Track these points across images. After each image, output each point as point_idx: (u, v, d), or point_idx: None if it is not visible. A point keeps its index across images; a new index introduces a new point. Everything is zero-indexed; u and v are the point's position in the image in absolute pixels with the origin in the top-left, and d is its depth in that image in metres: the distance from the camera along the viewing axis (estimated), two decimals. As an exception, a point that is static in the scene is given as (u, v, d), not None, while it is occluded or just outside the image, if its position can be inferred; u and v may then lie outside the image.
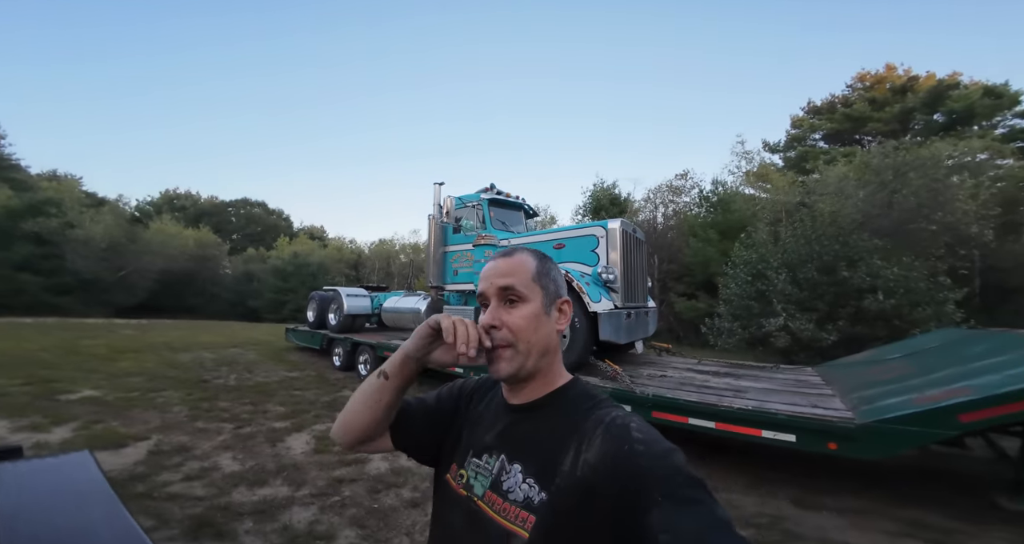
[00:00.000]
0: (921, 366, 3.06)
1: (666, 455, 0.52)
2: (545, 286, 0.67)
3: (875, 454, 2.32)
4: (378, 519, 2.49)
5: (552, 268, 0.70)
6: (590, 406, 0.62)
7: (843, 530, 2.45)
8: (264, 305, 24.04)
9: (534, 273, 0.66)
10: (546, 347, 0.65)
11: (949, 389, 2.33)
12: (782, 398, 3.08)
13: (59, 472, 1.46)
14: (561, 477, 0.56)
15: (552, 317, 0.67)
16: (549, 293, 0.67)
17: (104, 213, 21.87)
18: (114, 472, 2.95)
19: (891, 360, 3.64)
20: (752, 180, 17.42)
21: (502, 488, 0.61)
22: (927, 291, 6.82)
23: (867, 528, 2.47)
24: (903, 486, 3.00)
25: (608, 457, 0.53)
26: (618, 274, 4.45)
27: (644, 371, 4.32)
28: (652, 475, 0.50)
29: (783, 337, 7.21)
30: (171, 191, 35.35)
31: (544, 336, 0.65)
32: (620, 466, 0.52)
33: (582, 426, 0.59)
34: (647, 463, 0.51)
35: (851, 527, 2.48)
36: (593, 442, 0.56)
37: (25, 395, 4.80)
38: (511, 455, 0.63)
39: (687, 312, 13.24)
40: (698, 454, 3.55)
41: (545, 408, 0.65)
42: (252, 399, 5.07)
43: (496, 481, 0.62)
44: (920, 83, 17.66)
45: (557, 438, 0.60)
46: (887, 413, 2.33)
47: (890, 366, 3.43)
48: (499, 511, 0.59)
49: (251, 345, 9.90)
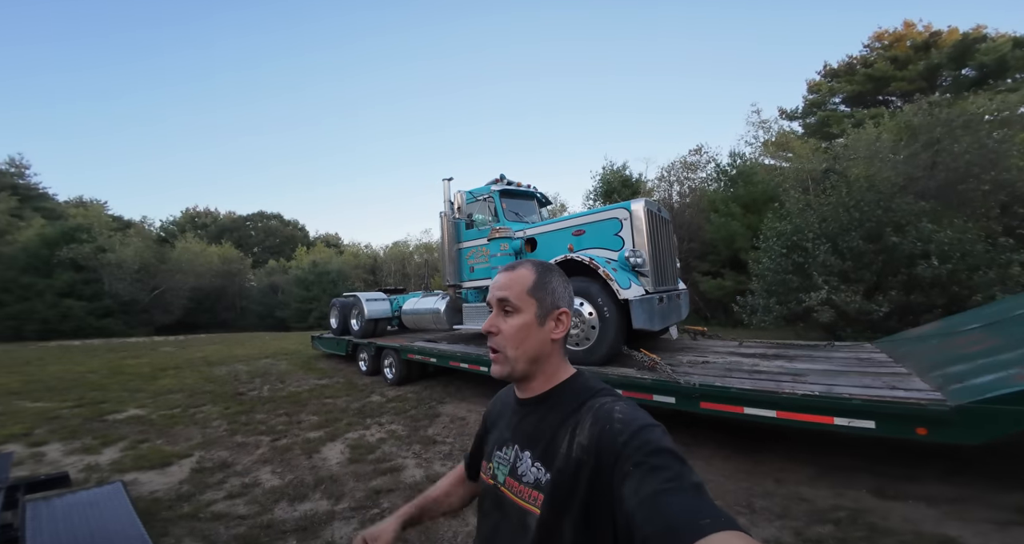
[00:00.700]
0: (1011, 337, 2.70)
1: (639, 431, 0.57)
2: (540, 298, 0.73)
3: (974, 439, 2.04)
4: (419, 532, 2.38)
5: (552, 280, 0.75)
6: (587, 396, 0.69)
7: (939, 521, 2.18)
8: (291, 315, 24.69)
9: (530, 286, 0.73)
10: (536, 354, 0.73)
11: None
12: (850, 380, 2.78)
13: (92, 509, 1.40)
14: (559, 459, 0.64)
15: (547, 327, 0.73)
16: (544, 305, 0.73)
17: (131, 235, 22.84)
18: (161, 492, 2.96)
19: (969, 331, 3.26)
20: (772, 150, 16.56)
21: (517, 473, 0.70)
22: (986, 254, 6.23)
23: (967, 518, 2.18)
24: (997, 469, 2.67)
25: (593, 437, 0.61)
26: (646, 257, 4.19)
27: (683, 358, 4.07)
28: (626, 449, 0.56)
29: (827, 311, 6.75)
30: (191, 210, 36.66)
31: (534, 345, 0.72)
32: (602, 444, 0.59)
33: (577, 413, 0.66)
34: (623, 439, 0.57)
35: (947, 517, 2.20)
36: (583, 426, 0.63)
37: (76, 416, 4.98)
38: (522, 444, 0.72)
39: (713, 291, 12.73)
40: (751, 447, 3.31)
41: (548, 401, 0.73)
42: (286, 410, 5.10)
43: (513, 468, 0.72)
44: (943, 38, 16.47)
45: (557, 426, 0.68)
46: (987, 392, 2.03)
47: (970, 338, 3.06)
48: (517, 493, 0.69)
49: (282, 355, 10.11)
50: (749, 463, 3.05)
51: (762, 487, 2.71)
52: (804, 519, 2.32)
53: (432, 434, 4.03)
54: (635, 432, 0.57)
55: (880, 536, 2.11)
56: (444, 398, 5.40)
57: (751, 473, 2.90)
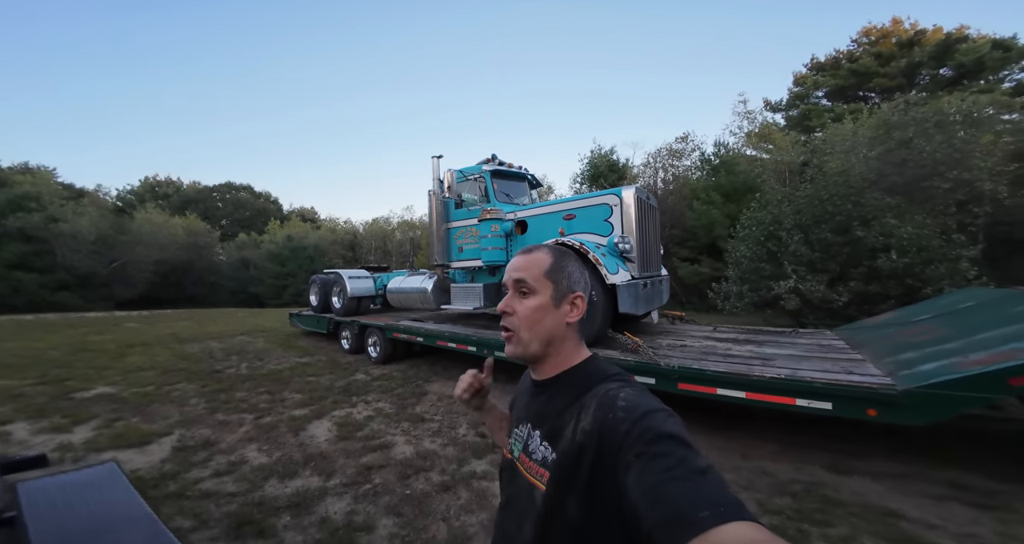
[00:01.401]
0: (957, 328, 2.99)
1: (641, 419, 0.57)
2: (557, 281, 0.74)
3: (918, 420, 2.28)
4: (413, 506, 2.48)
5: (568, 265, 0.76)
6: (597, 381, 0.70)
7: (883, 495, 2.46)
8: (265, 291, 23.93)
9: (547, 269, 0.74)
10: (550, 336, 0.74)
11: (997, 352, 2.26)
12: (812, 365, 3.02)
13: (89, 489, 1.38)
14: (564, 441, 0.65)
15: (562, 310, 0.74)
16: (560, 288, 0.74)
17: (86, 205, 21.21)
18: (143, 471, 2.92)
19: (920, 321, 3.57)
20: (755, 140, 16.88)
21: (528, 450, 0.73)
22: (940, 249, 6.73)
23: (908, 492, 2.47)
24: (936, 448, 3.01)
25: (596, 423, 0.61)
26: (634, 243, 4.29)
27: (663, 341, 4.27)
28: (628, 437, 0.55)
29: (793, 299, 7.19)
30: (152, 178, 34.16)
31: (549, 327, 0.74)
32: (604, 431, 0.59)
33: (583, 398, 0.67)
34: (625, 427, 0.57)
35: (891, 491, 2.49)
36: (588, 411, 0.64)
37: (41, 395, 4.75)
38: (534, 423, 0.74)
39: (691, 277, 13.22)
40: (722, 424, 3.57)
41: (559, 383, 0.74)
42: (268, 388, 5.05)
43: (526, 445, 0.74)
44: (927, 37, 16.87)
45: (563, 408, 0.69)
46: (931, 378, 2.27)
47: (921, 328, 3.36)
48: (527, 469, 0.71)
49: (258, 332, 9.86)
50: (720, 440, 3.30)
51: (730, 462, 2.96)
52: (766, 491, 2.56)
53: (420, 412, 4.11)
54: (637, 420, 0.57)
55: (832, 507, 2.36)
56: (431, 377, 5.47)
57: (721, 449, 3.15)
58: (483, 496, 2.56)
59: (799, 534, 2.17)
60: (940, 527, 2.17)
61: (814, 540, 2.11)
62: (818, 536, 2.15)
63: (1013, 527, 2.13)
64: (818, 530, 2.19)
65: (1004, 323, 2.66)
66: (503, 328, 0.76)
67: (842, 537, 2.12)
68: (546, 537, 0.65)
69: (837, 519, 2.26)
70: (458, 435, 3.54)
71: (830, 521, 2.25)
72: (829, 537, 2.13)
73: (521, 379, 0.92)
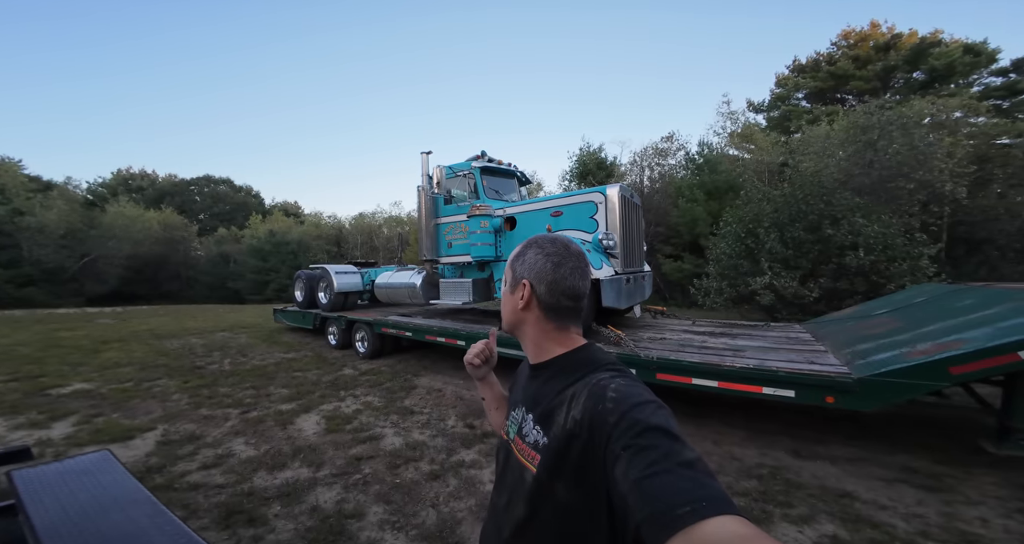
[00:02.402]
0: (909, 321, 3.24)
1: (629, 411, 0.57)
2: (514, 269, 0.79)
3: (870, 406, 2.49)
4: (402, 494, 2.57)
5: (526, 252, 0.78)
6: (591, 369, 0.70)
7: (840, 478, 2.67)
8: (246, 286, 23.34)
9: (512, 258, 0.81)
10: (512, 322, 0.80)
11: (940, 343, 2.48)
12: (779, 356, 3.22)
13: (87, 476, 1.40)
14: (556, 427, 0.67)
15: (516, 296, 0.78)
16: (516, 275, 0.78)
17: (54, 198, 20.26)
18: (128, 465, 2.89)
19: (878, 315, 3.84)
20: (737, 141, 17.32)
21: (522, 432, 0.75)
22: (903, 247, 7.12)
23: (862, 475, 2.69)
24: (890, 434, 3.26)
25: (587, 413, 0.62)
26: (618, 240, 4.43)
27: (644, 335, 4.44)
28: (616, 429, 0.56)
29: (768, 295, 7.50)
30: (124, 171, 32.76)
31: (509, 312, 0.80)
32: (594, 421, 0.60)
33: (575, 386, 0.68)
34: (613, 420, 0.57)
35: (847, 475, 2.70)
36: (579, 400, 0.65)
37: (13, 392, 4.62)
38: (528, 406, 0.76)
39: (673, 273, 13.56)
40: (696, 412, 3.77)
41: (552, 368, 0.76)
42: (253, 383, 5.02)
43: (520, 427, 0.76)
44: (903, 41, 17.50)
45: (555, 394, 0.70)
46: (882, 367, 2.47)
47: (878, 321, 3.62)
48: (520, 451, 0.74)
49: (240, 328, 9.69)
50: (693, 427, 3.49)
51: (702, 448, 3.14)
52: (735, 475, 2.75)
53: (409, 405, 4.18)
54: (625, 412, 0.57)
55: (794, 490, 2.56)
56: (419, 371, 5.53)
57: (694, 436, 3.34)
58: (472, 483, 2.66)
59: (763, 514, 2.35)
60: (890, 507, 2.37)
61: (777, 520, 2.29)
62: (780, 516, 2.33)
63: (956, 507, 2.35)
64: (780, 510, 2.37)
65: (950, 316, 2.90)
66: None
67: (802, 516, 2.31)
68: (536, 517, 0.68)
69: (798, 500, 2.45)
70: (447, 426, 3.63)
71: (791, 502, 2.44)
72: (790, 517, 2.31)
73: (521, 364, 0.95)
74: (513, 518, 0.72)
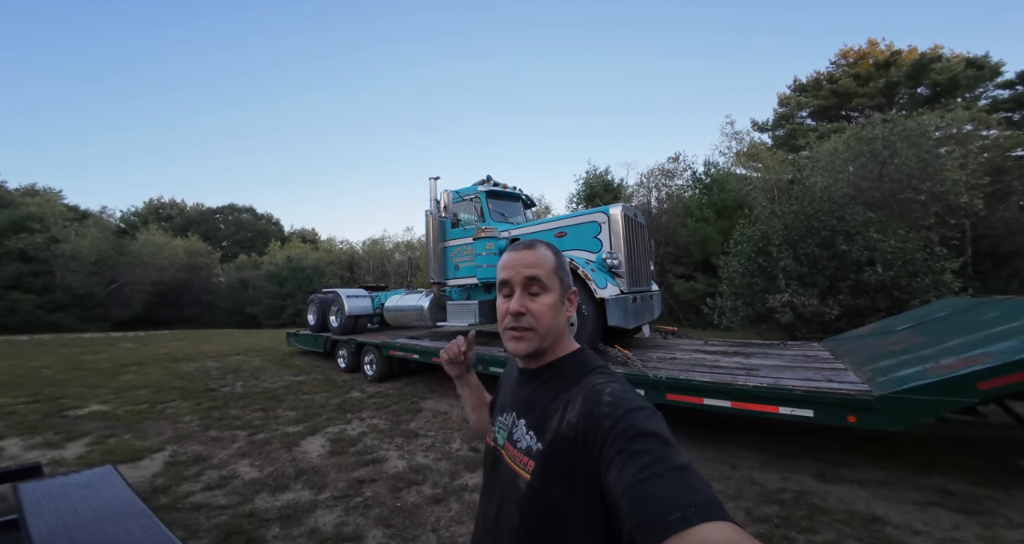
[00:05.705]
0: (932, 336, 3.09)
1: (624, 416, 0.57)
2: (562, 278, 0.76)
3: (895, 425, 2.34)
4: (403, 517, 2.49)
5: (566, 262, 0.80)
6: (584, 373, 0.71)
7: (869, 502, 2.48)
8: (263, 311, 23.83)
9: (555, 266, 0.76)
10: (561, 331, 0.76)
11: (965, 357, 2.35)
12: (795, 374, 3.09)
13: (88, 489, 1.43)
14: (551, 432, 0.66)
15: (564, 306, 0.77)
16: (564, 285, 0.77)
17: (89, 226, 21.48)
18: (134, 485, 2.91)
19: (899, 331, 3.67)
20: (743, 160, 17.44)
21: (513, 438, 0.73)
22: (924, 261, 6.89)
23: (893, 499, 2.50)
24: (923, 456, 3.05)
25: (582, 418, 0.62)
26: (622, 259, 4.43)
27: (653, 354, 4.34)
28: (610, 435, 0.56)
29: (787, 313, 7.27)
30: (155, 200, 34.66)
31: (560, 323, 0.75)
32: (589, 426, 0.60)
33: (571, 390, 0.68)
34: (608, 424, 0.57)
35: (876, 498, 2.51)
36: (575, 404, 0.65)
37: (33, 413, 4.75)
38: (519, 411, 0.75)
39: (686, 293, 13.32)
40: (712, 436, 3.59)
41: (547, 373, 0.75)
42: (262, 405, 5.04)
43: (510, 433, 0.75)
44: (903, 57, 17.76)
45: (552, 399, 0.70)
46: (905, 384, 2.35)
47: (899, 337, 3.46)
48: (511, 457, 0.72)
49: (254, 352, 9.83)
50: (709, 451, 3.32)
51: (719, 472, 2.98)
52: (754, 500, 2.59)
53: (414, 428, 4.12)
54: (620, 417, 0.57)
55: (819, 515, 2.39)
56: (426, 394, 5.48)
57: (710, 460, 3.17)
58: (474, 508, 2.57)
59: (786, 541, 2.19)
60: (924, 532, 2.20)
61: (800, 547, 2.13)
62: (804, 542, 2.17)
63: (996, 531, 2.16)
64: (804, 537, 2.21)
65: (974, 330, 2.76)
66: (515, 328, 0.73)
67: (828, 543, 2.14)
68: (531, 524, 0.66)
69: (823, 526, 2.29)
70: (451, 450, 3.55)
71: (816, 528, 2.27)
72: (815, 543, 2.15)
73: (506, 368, 0.95)
74: (506, 528, 0.69)
